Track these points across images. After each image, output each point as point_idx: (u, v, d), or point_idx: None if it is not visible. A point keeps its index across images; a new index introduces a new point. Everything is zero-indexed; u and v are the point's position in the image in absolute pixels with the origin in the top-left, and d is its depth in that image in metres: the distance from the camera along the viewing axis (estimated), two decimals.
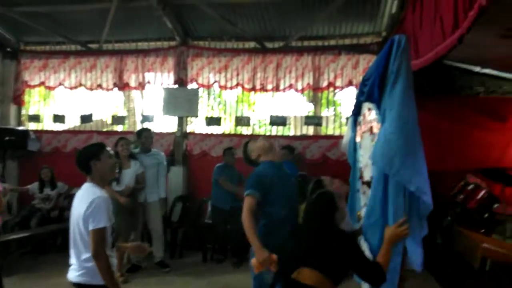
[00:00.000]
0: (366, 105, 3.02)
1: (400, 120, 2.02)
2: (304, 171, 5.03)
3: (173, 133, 5.82)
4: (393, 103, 2.07)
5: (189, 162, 5.74)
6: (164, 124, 5.94)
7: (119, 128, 6.29)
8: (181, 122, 5.84)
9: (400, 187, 2.09)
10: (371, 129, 2.72)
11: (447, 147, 4.34)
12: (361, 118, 3.49)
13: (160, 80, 5.96)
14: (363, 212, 3.02)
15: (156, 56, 5.89)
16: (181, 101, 5.70)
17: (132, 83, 6.01)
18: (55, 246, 5.21)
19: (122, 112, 6.27)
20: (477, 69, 4.34)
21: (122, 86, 6.01)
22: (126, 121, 6.17)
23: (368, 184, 2.76)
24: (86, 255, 2.11)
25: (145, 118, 6.01)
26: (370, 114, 2.77)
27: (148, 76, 5.97)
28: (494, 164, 4.22)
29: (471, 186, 3.73)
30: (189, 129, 6.00)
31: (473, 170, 4.08)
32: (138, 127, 6.16)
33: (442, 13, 2.56)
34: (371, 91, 2.46)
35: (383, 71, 2.22)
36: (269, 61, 5.62)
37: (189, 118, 5.99)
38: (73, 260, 2.20)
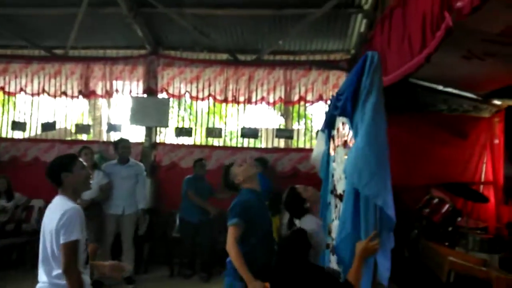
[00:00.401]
0: (340, 119, 3.07)
1: (370, 135, 2.05)
2: (275, 184, 5.03)
3: (141, 143, 5.65)
4: (364, 118, 2.11)
5: (157, 174, 5.58)
6: (132, 134, 5.77)
7: (83, 137, 6.04)
8: (150, 132, 5.69)
9: (370, 201, 2.12)
10: (345, 143, 2.76)
11: (412, 162, 4.49)
12: (334, 132, 3.55)
13: (128, 88, 5.80)
14: (333, 225, 3.04)
15: (125, 64, 5.75)
16: (150, 110, 5.56)
17: (99, 91, 5.80)
18: (10, 261, 4.86)
19: (87, 121, 6.01)
20: (440, 87, 4.55)
21: (88, 93, 5.79)
22: (91, 130, 5.92)
23: (340, 197, 2.78)
24: (57, 271, 1.96)
25: (112, 127, 5.80)
26: (344, 128, 2.82)
27: (116, 84, 5.79)
28: (456, 179, 4.42)
29: (435, 200, 3.85)
30: (158, 139, 5.86)
31: (437, 184, 4.24)
32: (104, 136, 5.95)
33: (410, 32, 2.67)
34: (344, 106, 2.51)
35: (356, 86, 2.26)
36: (242, 73, 5.63)
37: (158, 129, 5.85)
38: (42, 277, 2.03)
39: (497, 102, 4.37)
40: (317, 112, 5.81)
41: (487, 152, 4.59)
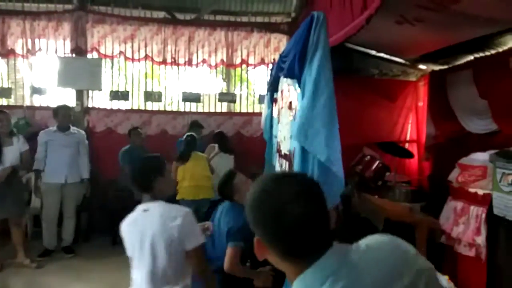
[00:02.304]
0: (284, 81, 3.13)
1: (316, 93, 2.12)
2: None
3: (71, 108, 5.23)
4: (311, 76, 2.17)
5: (92, 141, 5.26)
6: (60, 97, 5.29)
7: (3, 102, 5.42)
8: (81, 96, 5.29)
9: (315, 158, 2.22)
10: (290, 104, 2.83)
11: (346, 124, 4.71)
12: (278, 94, 3.61)
13: (54, 48, 5.26)
14: None
15: (48, 20, 5.17)
16: (81, 72, 5.14)
17: (18, 50, 5.19)
18: None
19: (7, 84, 5.39)
20: (373, 52, 4.80)
21: (6, 53, 5.15)
22: (13, 94, 5.32)
23: (285, 157, 2.89)
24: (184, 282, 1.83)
25: (36, 91, 5.28)
26: (289, 90, 2.88)
27: (39, 42, 5.21)
28: (385, 138, 4.79)
29: (367, 158, 4.16)
30: (90, 104, 5.47)
31: (368, 144, 4.57)
32: (27, 101, 5.40)
33: None
34: (291, 67, 2.54)
35: (303, 46, 2.30)
36: (181, 33, 5.38)
37: (90, 92, 5.44)
38: None
39: (422, 67, 4.73)
40: (259, 76, 5.82)
41: (412, 113, 5.02)
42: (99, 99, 5.51)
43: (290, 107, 2.83)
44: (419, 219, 2.74)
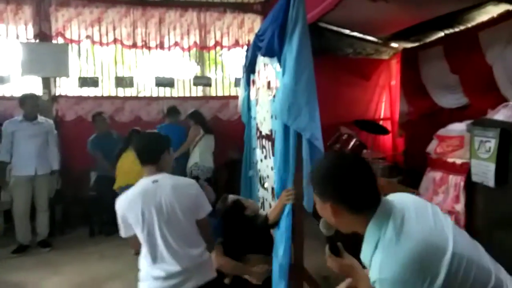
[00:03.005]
0: (261, 61, 3.09)
1: (297, 69, 2.10)
2: None
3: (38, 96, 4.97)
4: (291, 53, 2.14)
5: (61, 130, 5.04)
6: (26, 86, 5.02)
7: None
8: (48, 84, 5.04)
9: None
10: (268, 84, 2.80)
11: (323, 103, 4.77)
12: (255, 75, 3.57)
13: (15, 33, 4.95)
14: (262, 164, 3.17)
15: (7, 3, 4.84)
16: (46, 58, 4.87)
17: None
18: None
19: None
20: (347, 32, 4.82)
21: None
22: None
23: (267, 137, 2.88)
24: (200, 248, 1.95)
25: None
26: (266, 69, 2.85)
27: None
28: (360, 116, 4.86)
29: (344, 136, 4.22)
30: (58, 91, 5.23)
31: (345, 122, 4.64)
32: None
33: None
34: (269, 45, 2.50)
35: (282, 22, 2.25)
36: (151, 15, 5.20)
37: (58, 79, 5.19)
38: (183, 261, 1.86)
39: (394, 45, 4.81)
40: (233, 59, 5.72)
41: (386, 91, 5.12)
42: (67, 87, 5.27)
43: (268, 86, 2.80)
44: (399, 190, 2.84)
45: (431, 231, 1.06)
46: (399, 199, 1.19)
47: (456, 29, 3.75)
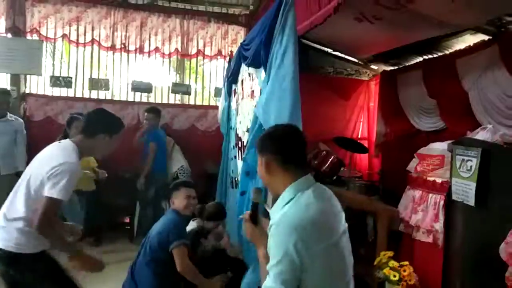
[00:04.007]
0: (245, 71, 3.04)
1: (279, 74, 2.07)
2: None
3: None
4: (276, 59, 2.11)
5: (28, 130, 4.75)
6: None
7: None
8: (17, 81, 4.78)
9: None
10: (251, 93, 2.75)
11: (302, 119, 4.81)
12: (238, 85, 3.52)
13: None
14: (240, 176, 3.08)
15: None
16: (18, 54, 4.64)
17: None
18: None
19: None
20: (329, 50, 4.89)
21: None
22: None
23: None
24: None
25: None
26: (252, 78, 2.80)
27: None
28: (338, 135, 4.90)
29: (323, 153, 4.20)
30: (28, 90, 4.97)
31: (324, 140, 4.64)
32: None
33: None
34: (256, 54, 2.46)
35: (269, 32, 2.23)
36: (132, 18, 5.09)
37: (28, 77, 4.94)
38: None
39: (374, 67, 4.92)
40: (214, 69, 5.65)
41: (364, 112, 5.19)
42: (38, 85, 5.02)
43: (252, 96, 2.75)
44: (381, 207, 2.83)
45: (330, 218, 1.32)
46: (324, 189, 1.42)
47: (435, 55, 3.86)
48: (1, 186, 3.86)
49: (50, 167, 1.83)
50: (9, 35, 4.72)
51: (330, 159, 4.14)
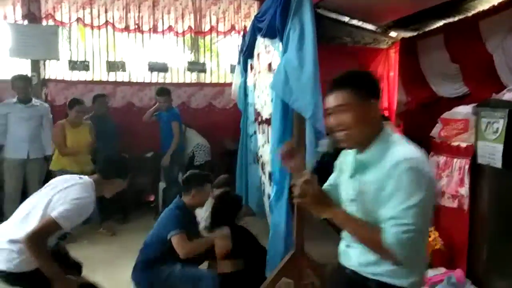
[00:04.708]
0: (262, 43, 3.00)
1: (302, 47, 2.04)
2: (190, 121, 4.88)
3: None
4: (295, 30, 2.07)
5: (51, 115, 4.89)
6: (14, 68, 4.84)
7: None
8: (37, 67, 4.87)
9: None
10: (269, 66, 2.72)
11: (321, 92, 4.74)
12: (254, 59, 3.48)
13: (2, 13, 4.76)
14: (262, 150, 3.10)
15: None
16: (35, 40, 4.70)
17: None
18: None
19: None
20: (346, 19, 4.75)
21: None
22: None
23: (267, 122, 2.80)
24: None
25: None
26: (268, 50, 2.77)
27: None
28: None
29: None
30: (48, 75, 5.06)
31: None
32: None
33: None
34: (271, 25, 2.42)
35: (285, 1, 2.18)
36: None
37: (47, 62, 5.03)
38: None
39: (393, 34, 4.76)
40: (228, 46, 5.59)
41: (384, 82, 5.06)
42: (57, 70, 5.10)
43: (269, 69, 2.73)
44: None
45: None
46: None
47: (457, 18, 3.70)
48: (31, 169, 4.03)
49: (70, 198, 1.89)
50: (26, 22, 4.77)
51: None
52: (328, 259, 3.13)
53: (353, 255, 1.30)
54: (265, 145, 2.94)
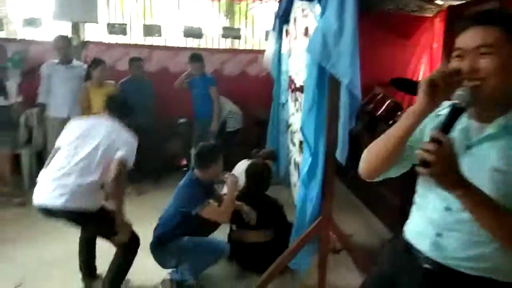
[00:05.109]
0: (299, 6, 2.90)
1: (341, 9, 1.95)
2: (222, 89, 4.87)
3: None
4: None
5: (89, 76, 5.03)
6: (54, 30, 4.98)
7: None
8: (77, 29, 4.99)
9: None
10: (305, 31, 2.63)
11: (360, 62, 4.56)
12: (290, 24, 3.38)
13: None
14: (294, 118, 3.07)
15: None
16: (75, 3, 4.78)
17: None
18: None
19: None
20: None
21: None
22: (4, 26, 5.00)
23: (300, 89, 2.75)
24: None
25: (29, 22, 4.96)
26: (304, 14, 2.67)
27: None
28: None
29: (379, 96, 4.02)
30: (87, 37, 5.18)
31: (380, 83, 4.41)
32: (20, 33, 5.10)
33: None
34: None
35: None
36: None
37: (86, 25, 5.13)
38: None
39: (439, 1, 4.44)
40: (263, 13, 5.44)
41: (427, 53, 4.79)
42: (96, 34, 5.21)
43: (306, 33, 2.63)
44: None
45: None
46: None
47: None
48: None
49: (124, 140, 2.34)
50: None
51: (386, 103, 3.98)
52: (352, 230, 3.17)
53: (449, 246, 1.05)
54: (296, 113, 2.90)
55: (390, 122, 3.94)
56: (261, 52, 5.29)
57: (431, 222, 1.10)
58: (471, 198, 0.92)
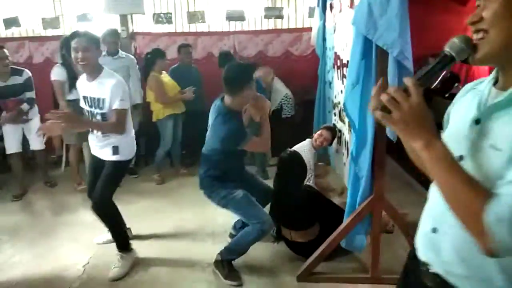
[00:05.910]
0: None
1: None
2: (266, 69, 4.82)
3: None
4: None
5: (140, 66, 5.24)
6: (105, 24, 5.22)
7: (52, 32, 5.45)
8: (125, 21, 5.19)
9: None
10: (351, 2, 2.53)
11: (410, 32, 4.29)
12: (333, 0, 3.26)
13: None
14: (339, 98, 2.99)
15: None
16: None
17: None
18: None
19: (53, 14, 5.38)
20: None
21: None
22: (62, 24, 5.34)
23: (347, 65, 2.66)
24: None
25: (82, 18, 5.25)
26: None
27: None
28: None
29: None
30: (135, 29, 5.37)
31: (434, 54, 4.13)
32: (74, 29, 5.38)
33: None
34: None
35: None
36: None
37: (134, 17, 5.32)
38: None
39: None
40: None
41: None
42: (143, 24, 5.38)
43: (351, 5, 2.52)
44: None
45: None
46: None
47: None
48: None
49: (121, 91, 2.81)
50: None
51: (441, 74, 3.73)
52: (407, 210, 3.05)
53: (444, 244, 0.91)
54: (343, 90, 2.81)
55: (447, 95, 3.71)
56: (305, 30, 5.18)
57: (429, 213, 1.01)
58: (431, 151, 0.78)
